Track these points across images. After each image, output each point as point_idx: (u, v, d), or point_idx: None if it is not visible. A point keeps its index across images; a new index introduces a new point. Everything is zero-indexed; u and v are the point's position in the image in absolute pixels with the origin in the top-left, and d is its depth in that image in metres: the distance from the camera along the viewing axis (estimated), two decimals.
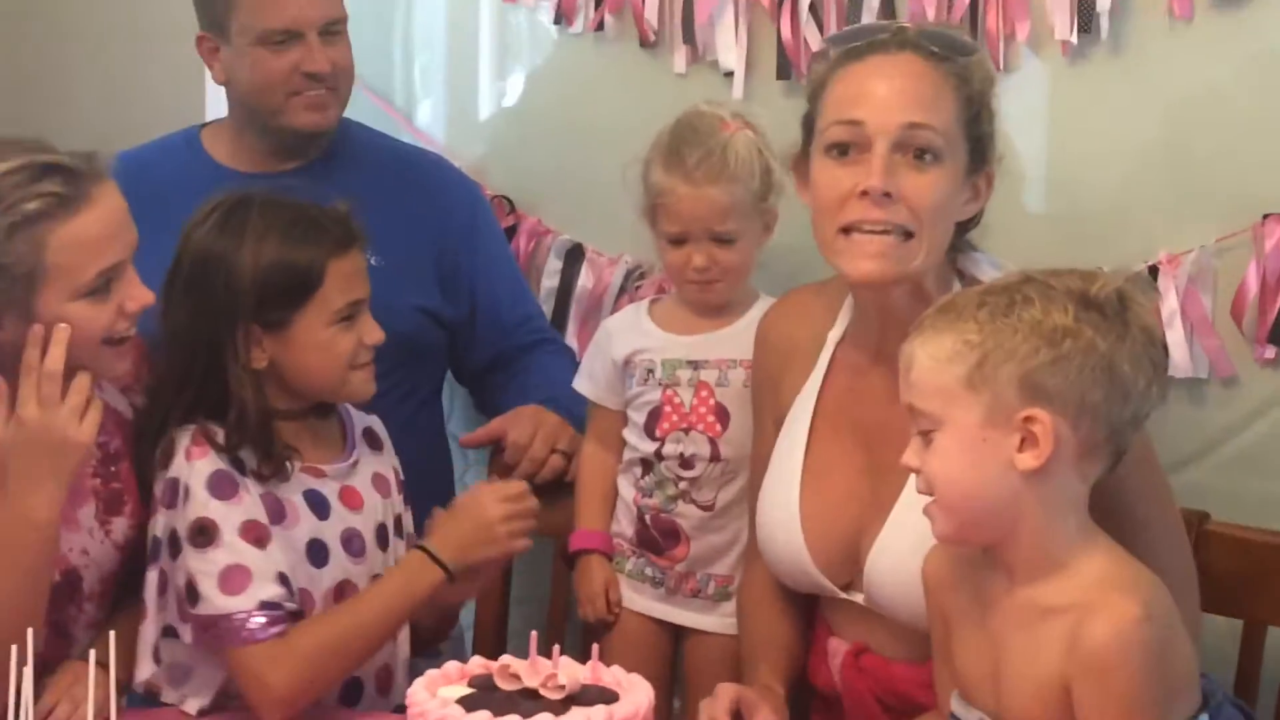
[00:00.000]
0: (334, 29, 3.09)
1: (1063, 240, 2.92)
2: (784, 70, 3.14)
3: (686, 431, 2.84)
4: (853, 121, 2.35)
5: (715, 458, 2.82)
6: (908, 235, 2.33)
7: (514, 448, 3.01)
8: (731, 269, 2.79)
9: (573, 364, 3.11)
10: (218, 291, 2.46)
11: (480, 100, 3.53)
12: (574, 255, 3.40)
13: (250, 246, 2.46)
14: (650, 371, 2.86)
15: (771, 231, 2.82)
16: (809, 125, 2.44)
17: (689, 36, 3.21)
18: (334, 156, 3.15)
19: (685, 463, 2.84)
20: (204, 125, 3.28)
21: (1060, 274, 2.08)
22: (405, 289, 3.08)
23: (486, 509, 2.57)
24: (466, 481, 3.32)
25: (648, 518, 2.88)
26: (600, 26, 3.30)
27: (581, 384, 2.95)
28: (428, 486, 2.87)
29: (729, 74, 3.18)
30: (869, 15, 3.00)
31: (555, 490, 2.96)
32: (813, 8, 3.09)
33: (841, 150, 2.36)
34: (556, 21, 3.36)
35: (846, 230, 2.34)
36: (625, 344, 2.89)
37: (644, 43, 3.25)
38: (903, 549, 2.34)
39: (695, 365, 2.84)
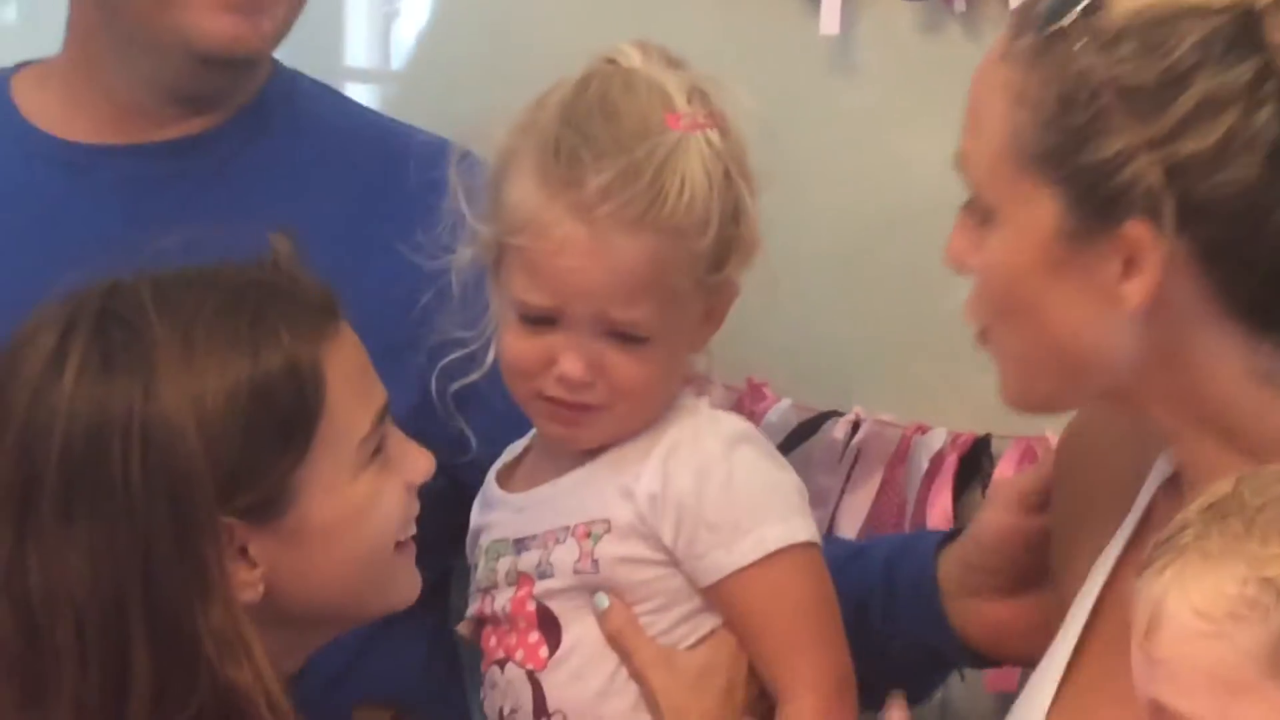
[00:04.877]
0: None
1: None
2: None
3: (502, 666, 1.69)
4: None
5: (541, 713, 1.66)
6: None
7: None
8: (630, 391, 1.62)
9: None
10: (138, 492, 1.44)
11: None
12: None
13: (176, 382, 1.44)
14: (474, 567, 1.77)
15: (719, 323, 1.68)
16: None
17: None
18: (265, 117, 1.97)
19: None
20: (16, 68, 2.13)
21: None
22: (387, 374, 1.73)
23: None
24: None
25: None
26: None
27: None
28: None
29: None
30: None
31: None
32: None
33: None
34: None
35: None
36: (475, 517, 1.79)
37: None
38: None
39: (520, 545, 1.70)
